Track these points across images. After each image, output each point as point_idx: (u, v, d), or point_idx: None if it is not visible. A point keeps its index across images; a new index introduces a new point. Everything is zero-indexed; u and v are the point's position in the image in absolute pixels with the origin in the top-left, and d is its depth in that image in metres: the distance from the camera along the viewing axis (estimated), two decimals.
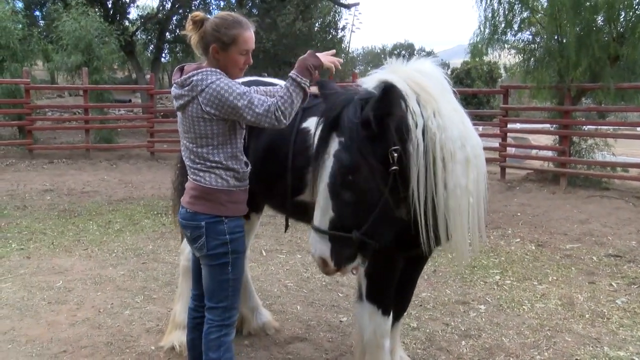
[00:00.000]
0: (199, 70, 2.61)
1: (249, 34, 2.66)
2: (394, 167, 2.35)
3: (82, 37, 14.82)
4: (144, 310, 4.53)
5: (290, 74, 2.63)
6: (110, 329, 4.17)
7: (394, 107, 2.35)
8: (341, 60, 2.87)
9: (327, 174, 2.39)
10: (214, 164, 2.67)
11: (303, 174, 3.03)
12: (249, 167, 2.81)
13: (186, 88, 2.60)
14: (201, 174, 2.69)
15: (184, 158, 2.80)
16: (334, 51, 2.80)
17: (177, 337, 3.76)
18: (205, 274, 2.80)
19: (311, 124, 3.00)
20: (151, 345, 3.91)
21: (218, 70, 2.62)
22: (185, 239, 3.71)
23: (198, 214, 2.70)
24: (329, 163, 2.39)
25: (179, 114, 2.71)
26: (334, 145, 2.39)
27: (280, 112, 2.55)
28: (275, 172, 3.13)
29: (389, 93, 2.33)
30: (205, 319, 2.82)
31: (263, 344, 3.95)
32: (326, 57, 2.76)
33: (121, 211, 8.21)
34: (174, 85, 2.68)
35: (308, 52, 2.72)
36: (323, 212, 2.42)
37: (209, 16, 2.73)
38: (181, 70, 2.73)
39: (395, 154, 2.35)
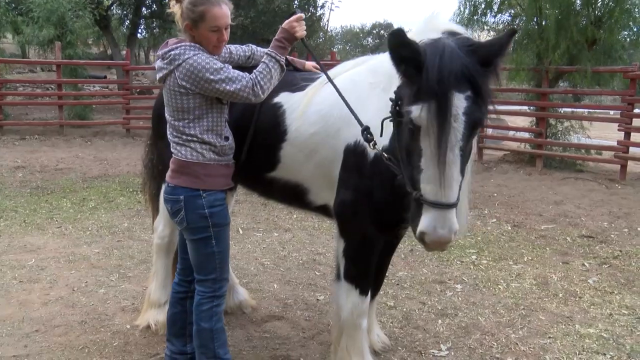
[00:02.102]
0: (179, 45, 2.63)
1: (219, 11, 2.62)
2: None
3: (54, 10, 14.37)
4: (119, 289, 4.47)
5: (267, 51, 2.68)
6: (85, 307, 4.11)
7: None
8: (301, 15, 2.80)
9: (458, 137, 2.07)
10: (189, 137, 2.69)
11: (274, 151, 2.99)
12: (229, 142, 2.78)
13: (165, 61, 2.64)
14: (178, 147, 2.73)
15: (167, 132, 2.80)
16: (301, 15, 2.75)
17: (153, 316, 3.73)
18: (190, 248, 2.83)
19: (283, 99, 2.92)
20: (126, 323, 3.86)
21: (197, 45, 2.64)
22: (158, 217, 3.68)
23: (177, 188, 2.73)
24: (457, 125, 2.07)
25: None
26: (460, 103, 2.06)
27: (259, 87, 2.60)
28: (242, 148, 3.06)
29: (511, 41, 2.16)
30: (196, 291, 2.86)
31: (240, 323, 3.94)
32: (292, 25, 2.69)
33: (96, 188, 8.07)
34: (158, 58, 2.71)
35: (279, 28, 2.71)
36: (456, 182, 2.12)
37: None
38: (166, 44, 2.74)
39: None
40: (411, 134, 2.17)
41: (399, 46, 2.12)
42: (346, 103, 2.66)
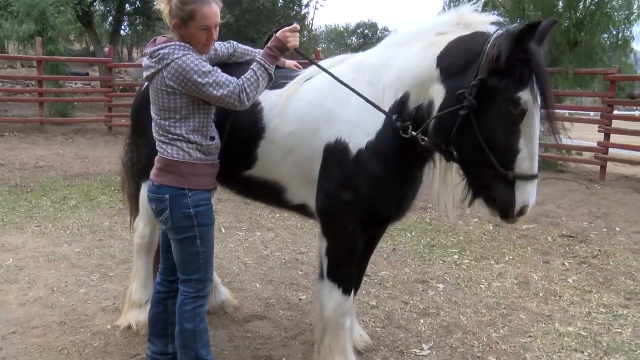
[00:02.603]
0: (168, 44, 2.59)
1: (208, 9, 2.58)
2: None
3: (35, 5, 14.15)
4: (99, 289, 4.42)
5: (257, 58, 2.64)
6: (64, 308, 4.05)
7: None
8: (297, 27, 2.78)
9: (533, 119, 2.37)
10: (175, 137, 2.66)
11: (251, 148, 2.98)
12: (215, 141, 2.77)
13: (154, 60, 2.60)
14: (164, 146, 2.69)
15: (152, 130, 2.76)
16: (296, 26, 2.72)
17: (134, 316, 3.69)
18: (174, 248, 2.80)
19: (261, 96, 2.87)
20: (107, 324, 3.82)
21: (187, 45, 2.61)
22: (138, 216, 3.64)
23: (162, 187, 2.70)
24: (532, 113, 2.35)
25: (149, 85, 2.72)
26: (525, 94, 2.32)
27: (245, 94, 2.56)
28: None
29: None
30: (180, 290, 2.83)
31: (222, 322, 3.92)
32: (285, 35, 2.66)
33: (77, 187, 7.98)
34: (145, 55, 2.68)
35: (273, 37, 2.67)
36: (536, 155, 2.42)
37: None
38: (154, 42, 2.70)
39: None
40: (510, 118, 2.34)
41: (528, 39, 2.30)
42: (355, 91, 2.70)
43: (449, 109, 2.46)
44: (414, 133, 2.60)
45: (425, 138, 2.59)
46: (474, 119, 2.39)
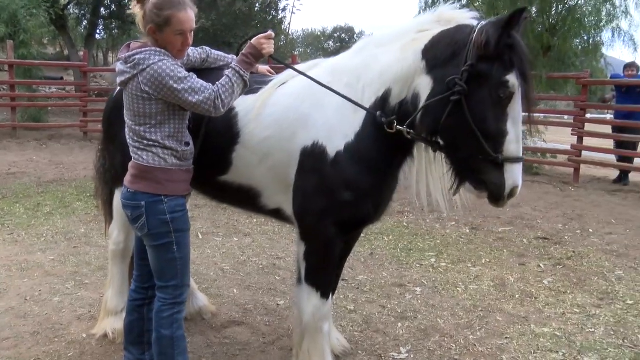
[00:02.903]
0: (144, 49, 2.57)
1: (184, 15, 2.58)
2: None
3: (5, 7, 13.89)
4: (75, 297, 4.35)
5: (232, 65, 2.64)
6: (38, 317, 3.98)
7: None
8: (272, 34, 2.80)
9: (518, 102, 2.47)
10: (151, 143, 2.64)
11: (226, 153, 2.97)
12: (190, 147, 2.76)
13: (129, 65, 2.57)
14: (139, 152, 2.67)
15: (126, 136, 2.74)
16: (271, 34, 2.73)
17: (110, 324, 3.64)
18: (151, 254, 2.77)
19: (236, 102, 2.87)
20: (82, 332, 3.76)
21: (163, 50, 2.59)
22: (113, 223, 3.60)
23: (138, 193, 2.67)
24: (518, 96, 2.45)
25: (123, 91, 2.69)
26: (512, 77, 2.43)
27: (220, 101, 2.56)
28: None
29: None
30: (157, 297, 2.81)
31: (199, 329, 3.89)
32: (260, 42, 2.67)
33: (51, 193, 7.85)
34: (119, 61, 2.64)
35: (248, 44, 2.69)
36: (521, 138, 2.52)
37: None
38: (128, 47, 2.68)
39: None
40: (499, 102, 2.45)
41: (514, 25, 2.41)
42: (335, 91, 2.73)
43: (440, 96, 2.54)
44: (399, 127, 2.65)
45: (411, 131, 2.65)
46: (465, 104, 2.48)
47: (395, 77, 2.71)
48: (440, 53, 2.58)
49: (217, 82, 2.59)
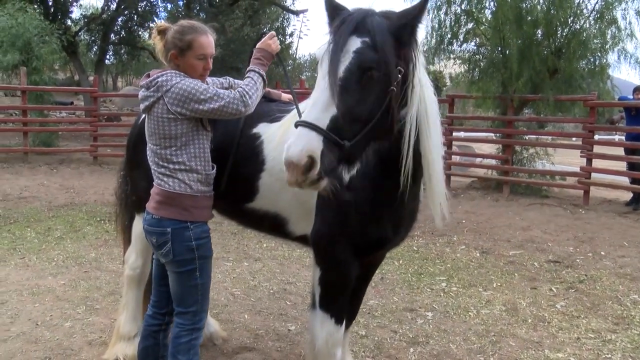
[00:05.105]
0: (164, 72, 2.67)
1: (205, 39, 2.70)
2: (392, 88, 2.33)
3: (20, 35, 14.13)
4: (86, 322, 4.35)
5: (250, 67, 2.78)
6: (49, 342, 3.97)
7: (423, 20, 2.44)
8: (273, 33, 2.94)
9: (342, 69, 2.30)
10: (177, 166, 2.69)
11: (253, 181, 3.00)
12: (214, 170, 2.81)
13: (152, 89, 2.65)
14: (165, 178, 2.71)
15: (149, 162, 2.79)
16: (272, 33, 2.89)
17: (122, 349, 3.63)
18: (173, 280, 2.79)
19: (261, 129, 2.96)
20: (94, 358, 3.75)
21: (182, 73, 2.69)
22: (130, 247, 3.61)
23: (163, 220, 2.71)
24: (344, 59, 2.31)
25: (145, 117, 2.76)
26: (354, 44, 2.32)
27: (247, 97, 2.65)
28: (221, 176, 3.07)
29: (427, 6, 2.42)
30: (175, 323, 2.82)
31: (210, 355, 3.87)
32: (267, 43, 2.84)
33: (62, 217, 7.89)
34: (141, 88, 2.73)
35: (254, 50, 2.84)
36: (324, 108, 2.24)
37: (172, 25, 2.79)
38: (148, 76, 2.76)
39: (400, 75, 2.36)
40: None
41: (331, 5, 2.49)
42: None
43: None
44: None
45: None
46: None
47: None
48: None
49: (239, 85, 2.71)
